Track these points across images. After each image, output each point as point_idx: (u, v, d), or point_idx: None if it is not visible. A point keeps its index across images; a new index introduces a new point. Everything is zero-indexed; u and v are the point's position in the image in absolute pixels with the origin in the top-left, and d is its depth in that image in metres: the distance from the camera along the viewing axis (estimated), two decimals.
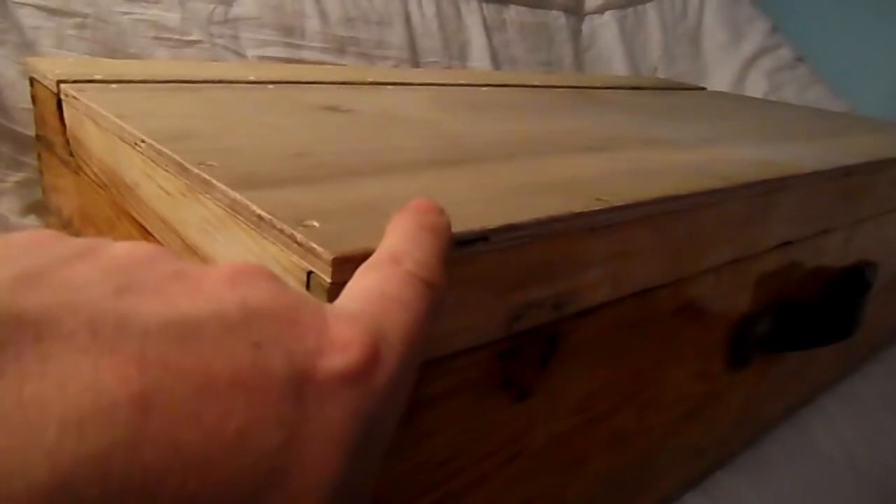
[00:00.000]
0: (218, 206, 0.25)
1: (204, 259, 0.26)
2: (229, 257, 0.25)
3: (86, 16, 0.67)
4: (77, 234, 0.45)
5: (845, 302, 0.47)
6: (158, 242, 0.31)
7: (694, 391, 0.41)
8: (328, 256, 0.19)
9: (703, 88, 0.97)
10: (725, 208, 0.35)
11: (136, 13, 0.70)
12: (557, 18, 1.10)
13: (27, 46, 0.63)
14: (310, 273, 0.20)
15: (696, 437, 0.43)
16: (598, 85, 0.76)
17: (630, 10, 1.19)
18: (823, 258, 0.48)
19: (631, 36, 1.18)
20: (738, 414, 0.47)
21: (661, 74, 1.17)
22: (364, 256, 0.19)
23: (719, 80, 1.20)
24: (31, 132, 0.55)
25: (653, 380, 0.36)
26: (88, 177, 0.39)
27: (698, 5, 1.26)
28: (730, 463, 0.48)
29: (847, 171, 0.44)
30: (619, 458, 0.36)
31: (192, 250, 0.27)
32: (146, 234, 0.32)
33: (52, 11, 0.65)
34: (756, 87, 1.20)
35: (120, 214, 0.35)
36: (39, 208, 0.56)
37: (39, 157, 0.51)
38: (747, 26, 1.27)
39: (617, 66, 1.15)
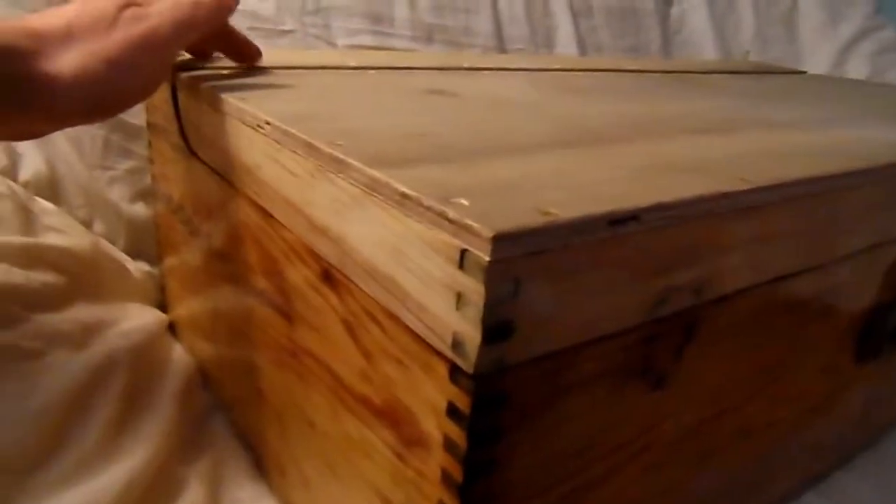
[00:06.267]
0: (352, 185, 0.24)
1: (335, 241, 0.26)
2: (364, 237, 0.24)
3: None
4: (189, 219, 0.46)
5: None
6: (281, 225, 0.31)
7: (820, 386, 0.38)
8: (488, 234, 0.18)
9: (804, 72, 0.92)
10: (866, 191, 0.32)
11: None
12: (646, 2, 1.07)
13: None
14: (464, 251, 0.19)
15: (818, 434, 0.41)
16: (692, 69, 0.73)
17: None
18: None
19: (722, 19, 1.13)
20: (860, 412, 0.44)
21: (753, 58, 1.12)
22: (520, 234, 0.19)
23: (816, 64, 1.13)
24: (139, 121, 0.57)
25: (781, 372, 0.34)
26: (203, 161, 0.40)
27: None
28: (850, 464, 0.46)
29: None
30: (744, 452, 0.35)
31: (320, 231, 0.27)
32: (267, 216, 0.33)
33: None
34: (857, 70, 1.13)
35: (235, 198, 0.36)
36: (148, 195, 0.58)
37: (150, 144, 0.52)
38: (847, 7, 1.20)
39: (707, 50, 1.11)
